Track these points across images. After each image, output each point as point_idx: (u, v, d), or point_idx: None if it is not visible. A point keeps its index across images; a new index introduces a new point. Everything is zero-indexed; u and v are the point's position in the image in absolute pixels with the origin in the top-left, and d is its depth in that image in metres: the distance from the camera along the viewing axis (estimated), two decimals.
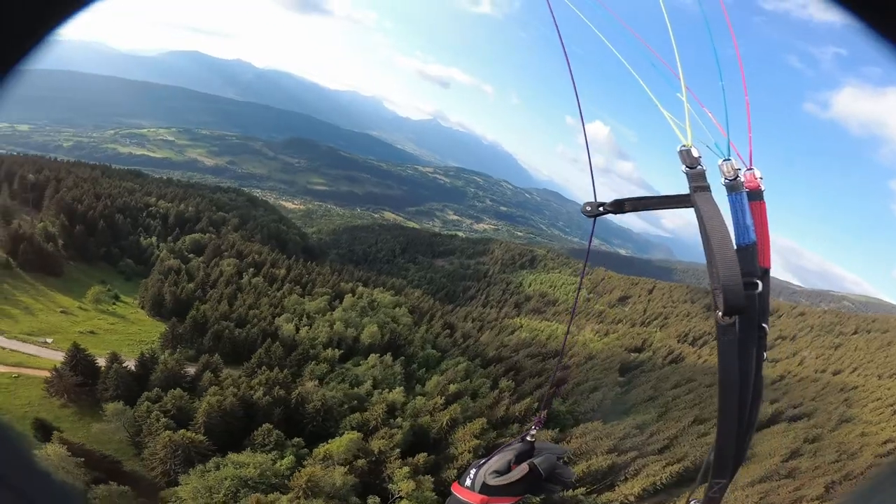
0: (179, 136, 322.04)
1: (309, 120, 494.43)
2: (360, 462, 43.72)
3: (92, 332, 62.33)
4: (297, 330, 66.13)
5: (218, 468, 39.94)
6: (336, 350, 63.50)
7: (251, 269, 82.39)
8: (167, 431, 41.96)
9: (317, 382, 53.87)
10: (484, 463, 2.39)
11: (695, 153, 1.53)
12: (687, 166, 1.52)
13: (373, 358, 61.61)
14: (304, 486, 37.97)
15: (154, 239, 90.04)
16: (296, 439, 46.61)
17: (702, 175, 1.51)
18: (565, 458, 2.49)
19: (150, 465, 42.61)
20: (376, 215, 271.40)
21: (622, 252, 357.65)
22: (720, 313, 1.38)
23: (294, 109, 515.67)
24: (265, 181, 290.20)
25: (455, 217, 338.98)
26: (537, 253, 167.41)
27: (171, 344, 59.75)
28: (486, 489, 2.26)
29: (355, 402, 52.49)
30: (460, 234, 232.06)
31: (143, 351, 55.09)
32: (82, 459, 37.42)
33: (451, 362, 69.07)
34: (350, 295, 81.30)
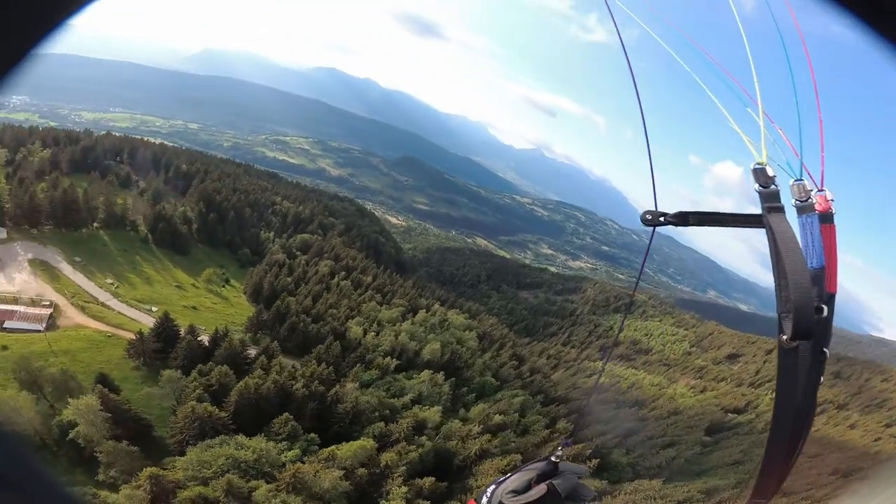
0: (314, 146, 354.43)
1: (420, 140, 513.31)
2: (361, 471, 42.80)
3: (194, 308, 69.72)
4: (365, 334, 69.10)
5: (221, 446, 40.68)
6: (394, 360, 64.92)
7: (343, 272, 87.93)
8: (193, 402, 43.83)
9: (357, 385, 54.15)
10: (503, 481, 2.36)
11: (770, 172, 1.49)
12: (760, 185, 1.47)
13: (425, 373, 62.18)
14: (288, 480, 37.49)
15: (272, 234, 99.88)
16: (311, 435, 46.49)
17: (775, 195, 1.46)
18: (586, 477, 2.49)
19: (171, 432, 44.22)
20: (469, 240, 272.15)
21: (742, 307, 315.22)
22: (785, 337, 1.36)
23: (408, 129, 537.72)
24: (377, 195, 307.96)
25: (549, 251, 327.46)
26: (637, 298, 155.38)
27: (254, 328, 65.63)
28: None
29: (387, 411, 52.41)
30: (552, 268, 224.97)
31: (217, 327, 58.77)
32: (110, 416, 39.50)
33: (508, 393, 67.17)
34: (424, 311, 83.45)
